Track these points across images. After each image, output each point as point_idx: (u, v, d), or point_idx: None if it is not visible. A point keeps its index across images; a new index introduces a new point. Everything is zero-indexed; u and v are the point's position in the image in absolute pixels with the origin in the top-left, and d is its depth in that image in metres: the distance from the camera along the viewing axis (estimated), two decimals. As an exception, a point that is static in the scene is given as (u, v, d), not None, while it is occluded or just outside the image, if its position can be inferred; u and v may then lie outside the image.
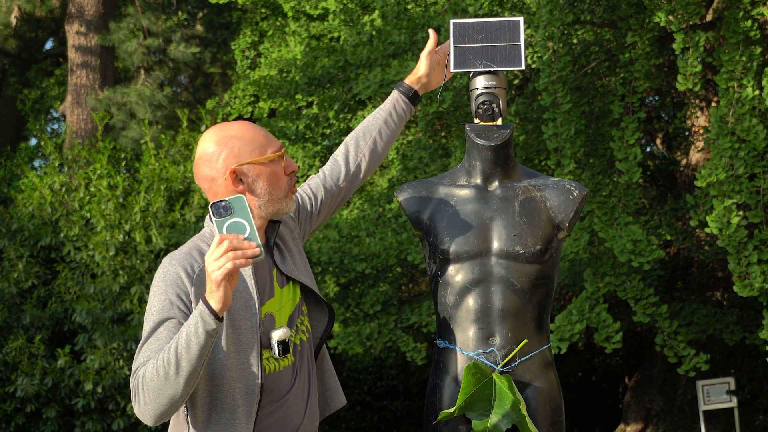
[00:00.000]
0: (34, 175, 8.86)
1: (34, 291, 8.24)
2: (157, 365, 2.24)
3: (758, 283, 5.78)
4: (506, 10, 7.20)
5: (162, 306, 2.34)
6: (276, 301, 2.50)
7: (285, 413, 2.47)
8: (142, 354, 2.32)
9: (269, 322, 2.47)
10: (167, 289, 2.35)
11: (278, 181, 2.47)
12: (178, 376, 2.23)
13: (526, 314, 2.79)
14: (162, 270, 2.39)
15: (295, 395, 2.50)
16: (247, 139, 2.45)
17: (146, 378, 2.26)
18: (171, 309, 2.33)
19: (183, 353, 2.22)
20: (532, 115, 7.90)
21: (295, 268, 2.59)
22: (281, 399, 2.47)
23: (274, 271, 2.52)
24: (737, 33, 6.10)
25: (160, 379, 2.23)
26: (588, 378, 13.05)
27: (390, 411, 11.60)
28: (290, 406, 2.48)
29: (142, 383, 2.26)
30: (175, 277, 2.36)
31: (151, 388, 2.25)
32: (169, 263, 2.39)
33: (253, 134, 2.46)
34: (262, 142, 2.46)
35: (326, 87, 7.55)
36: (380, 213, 8.72)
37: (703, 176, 5.86)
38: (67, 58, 13.73)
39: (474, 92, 2.88)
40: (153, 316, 2.34)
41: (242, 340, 2.38)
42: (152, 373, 2.25)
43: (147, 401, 2.26)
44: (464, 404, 2.72)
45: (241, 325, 2.39)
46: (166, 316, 2.33)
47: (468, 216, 2.83)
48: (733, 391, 8.32)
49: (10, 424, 7.84)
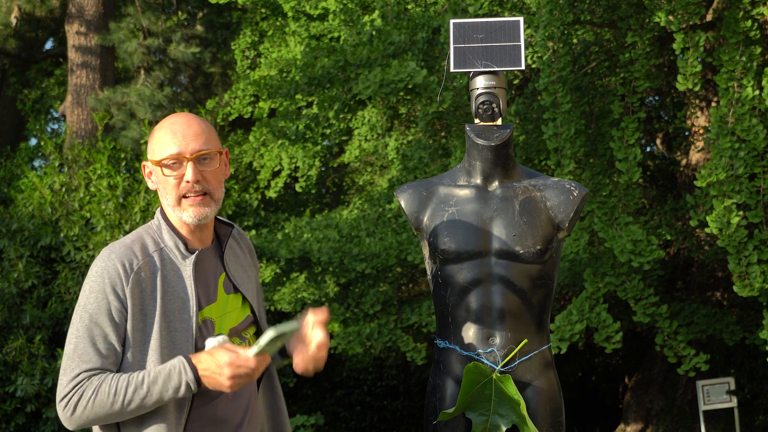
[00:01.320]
0: (34, 175, 8.85)
1: (34, 291, 8.23)
2: (112, 390, 2.29)
3: (758, 283, 5.78)
4: (506, 10, 7.20)
5: (97, 301, 2.33)
6: (218, 306, 2.46)
7: (216, 417, 2.42)
8: (78, 354, 2.32)
9: (208, 327, 2.43)
10: (104, 284, 2.34)
11: (166, 185, 2.40)
12: (127, 410, 2.29)
13: (526, 314, 2.79)
14: (100, 263, 2.37)
15: (230, 401, 2.44)
16: (154, 137, 2.43)
17: (97, 395, 2.29)
18: (106, 304, 2.32)
19: (143, 396, 2.28)
20: (532, 115, 7.90)
21: (247, 280, 2.55)
22: (213, 401, 2.42)
23: (222, 276, 2.49)
24: (737, 33, 6.10)
25: (110, 405, 2.29)
26: (588, 378, 13.05)
27: (390, 411, 11.60)
28: (224, 409, 2.43)
29: (92, 398, 2.29)
30: (112, 271, 2.34)
31: (98, 406, 2.29)
32: (108, 256, 2.37)
33: (164, 132, 2.41)
34: (163, 141, 2.40)
35: (326, 87, 7.55)
36: (380, 213, 8.73)
37: (703, 176, 5.86)
38: (67, 58, 13.73)
39: (474, 92, 2.88)
40: (87, 310, 2.34)
41: (176, 343, 2.36)
42: (106, 394, 2.29)
43: (83, 414, 2.30)
44: (464, 404, 2.72)
45: (176, 328, 2.36)
46: (101, 311, 2.33)
47: (468, 216, 2.83)
48: (733, 391, 8.32)
49: (10, 424, 7.84)
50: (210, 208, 2.41)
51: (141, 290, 2.34)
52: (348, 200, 12.36)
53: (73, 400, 2.29)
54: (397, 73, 6.89)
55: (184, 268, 2.40)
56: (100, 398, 2.28)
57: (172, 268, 2.40)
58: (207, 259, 2.47)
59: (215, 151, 2.42)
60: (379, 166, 11.60)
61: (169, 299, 2.36)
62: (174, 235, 2.43)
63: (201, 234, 2.47)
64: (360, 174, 12.11)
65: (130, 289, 2.33)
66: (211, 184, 2.41)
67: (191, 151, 2.38)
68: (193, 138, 2.39)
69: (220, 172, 2.44)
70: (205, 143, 2.40)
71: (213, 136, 2.44)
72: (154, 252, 2.40)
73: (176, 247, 2.42)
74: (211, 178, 2.41)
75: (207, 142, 2.41)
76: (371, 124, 10.48)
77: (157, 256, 2.40)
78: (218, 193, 2.44)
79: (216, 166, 2.42)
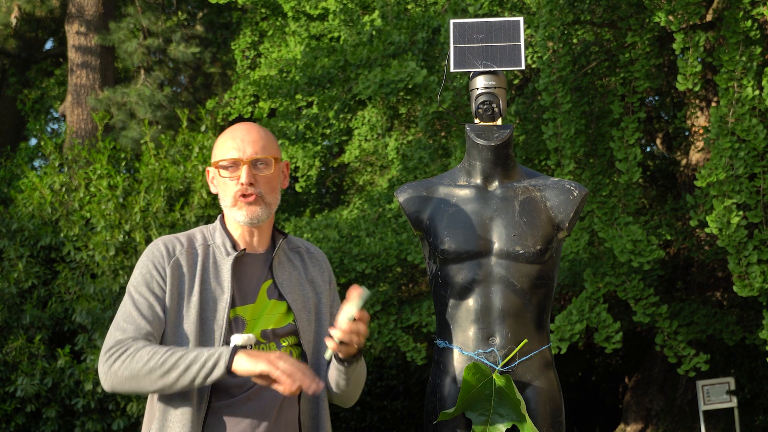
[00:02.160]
0: (34, 175, 8.85)
1: (34, 291, 8.23)
2: (151, 350, 2.40)
3: (758, 283, 5.78)
4: (506, 10, 7.20)
5: (142, 275, 2.51)
6: (255, 308, 2.55)
7: (239, 416, 2.47)
8: (124, 319, 2.47)
9: (238, 325, 2.52)
10: (148, 262, 2.53)
11: (224, 187, 2.56)
12: (160, 380, 2.39)
13: (526, 314, 2.79)
14: (148, 247, 2.58)
15: (254, 402, 2.48)
16: (217, 143, 2.60)
17: (137, 352, 2.40)
18: (149, 277, 2.50)
19: (180, 368, 2.38)
20: (532, 115, 7.91)
21: (299, 293, 2.61)
22: (236, 398, 2.47)
23: (268, 282, 2.59)
24: (737, 33, 6.10)
25: (144, 363, 2.38)
26: (588, 378, 13.05)
27: (390, 411, 11.60)
28: (248, 410, 2.47)
29: (131, 354, 2.40)
30: (156, 252, 2.54)
31: (135, 362, 2.40)
32: (155, 242, 2.58)
33: (225, 138, 2.58)
34: (224, 146, 2.57)
35: (326, 87, 7.55)
36: (380, 213, 8.73)
37: (703, 176, 5.86)
38: (67, 58, 13.73)
39: (474, 92, 2.88)
40: (133, 284, 2.52)
41: (206, 332, 2.48)
42: (146, 352, 2.40)
43: (119, 370, 2.40)
44: (464, 404, 2.72)
45: (208, 317, 2.49)
46: (144, 283, 2.50)
47: (468, 216, 2.83)
48: (733, 391, 8.32)
49: (10, 424, 7.84)
50: (261, 208, 2.55)
51: (180, 274, 2.51)
52: (348, 200, 12.36)
53: (116, 355, 2.42)
54: (397, 73, 6.89)
55: (224, 264, 2.54)
56: (138, 357, 2.39)
57: (213, 263, 2.55)
58: (252, 263, 2.59)
59: (270, 158, 2.56)
60: (379, 166, 11.60)
61: (205, 289, 2.50)
62: (224, 234, 2.59)
63: (252, 239, 2.60)
64: (360, 174, 12.12)
65: (170, 269, 2.50)
66: (263, 188, 2.55)
67: (248, 155, 2.54)
68: (251, 143, 2.55)
69: (275, 179, 2.59)
70: (262, 150, 2.55)
71: (271, 144, 2.59)
72: (200, 246, 2.57)
73: (223, 245, 2.57)
74: (264, 182, 2.56)
75: (264, 149, 2.56)
76: (371, 124, 10.48)
77: (201, 249, 2.56)
78: (270, 197, 2.57)
79: (270, 172, 2.56)
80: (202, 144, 8.89)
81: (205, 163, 8.81)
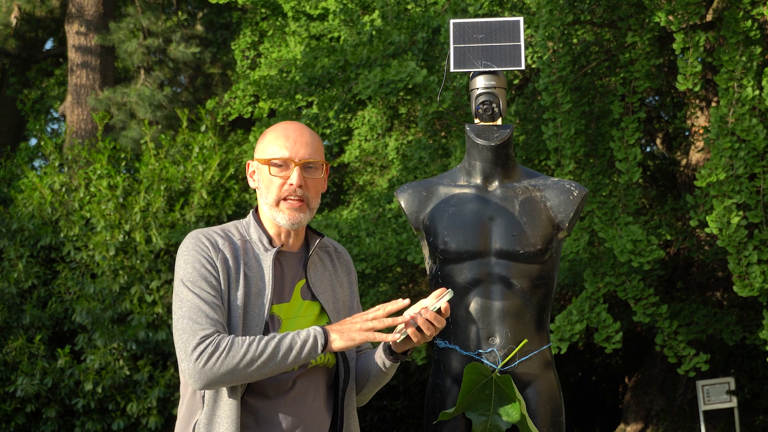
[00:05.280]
0: (34, 175, 8.85)
1: (34, 291, 8.23)
2: (245, 341, 2.38)
3: (758, 283, 5.78)
4: (506, 10, 7.20)
5: (195, 269, 2.46)
6: (290, 308, 2.54)
7: (274, 417, 2.47)
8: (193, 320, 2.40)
9: (275, 323, 2.51)
10: (197, 256, 2.48)
11: (270, 184, 2.54)
12: (259, 370, 2.37)
13: (526, 314, 2.79)
14: (188, 241, 2.52)
15: (290, 405, 2.49)
16: (265, 138, 2.59)
17: (232, 346, 2.37)
18: (203, 271, 2.46)
19: (275, 345, 2.38)
20: (532, 115, 7.91)
21: (330, 293, 2.62)
22: (273, 399, 2.48)
23: (302, 282, 2.59)
24: (737, 33, 6.10)
25: (242, 354, 2.36)
26: (588, 378, 13.05)
27: (390, 411, 11.60)
28: (283, 412, 2.48)
29: (226, 348, 2.37)
30: (201, 246, 2.50)
31: (231, 356, 2.36)
32: (195, 235, 2.53)
33: (277, 135, 2.57)
34: (275, 143, 2.55)
35: (326, 87, 7.54)
36: (380, 213, 8.73)
37: (703, 176, 5.86)
38: (67, 58, 13.73)
39: (474, 92, 2.88)
40: (188, 280, 2.45)
41: (250, 327, 2.47)
42: (239, 345, 2.37)
43: (215, 366, 2.36)
44: (464, 404, 2.72)
45: (252, 312, 2.48)
46: (200, 278, 2.45)
47: (468, 216, 2.83)
48: (733, 391, 8.32)
49: (10, 424, 7.84)
50: (305, 214, 2.56)
51: (227, 267, 2.48)
52: (348, 200, 12.36)
53: (208, 350, 2.37)
54: (397, 73, 6.89)
55: (264, 259, 2.53)
56: (235, 350, 2.37)
57: (253, 256, 2.53)
58: (288, 261, 2.58)
59: (321, 162, 2.57)
60: (379, 166, 11.60)
61: (247, 283, 2.49)
62: (260, 230, 2.57)
63: (288, 238, 2.60)
64: (360, 174, 12.11)
65: (219, 261, 2.48)
66: (310, 192, 2.56)
67: (300, 157, 2.54)
68: (304, 145, 2.55)
69: (321, 183, 2.59)
70: (315, 153, 2.56)
71: (321, 148, 2.60)
72: (238, 240, 2.55)
73: (260, 241, 2.56)
74: (312, 186, 2.56)
75: (316, 152, 2.57)
76: (371, 124, 10.48)
77: (240, 244, 2.54)
78: (315, 202, 2.58)
79: (319, 176, 2.57)
80: (202, 144, 8.89)
81: (205, 163, 8.80)
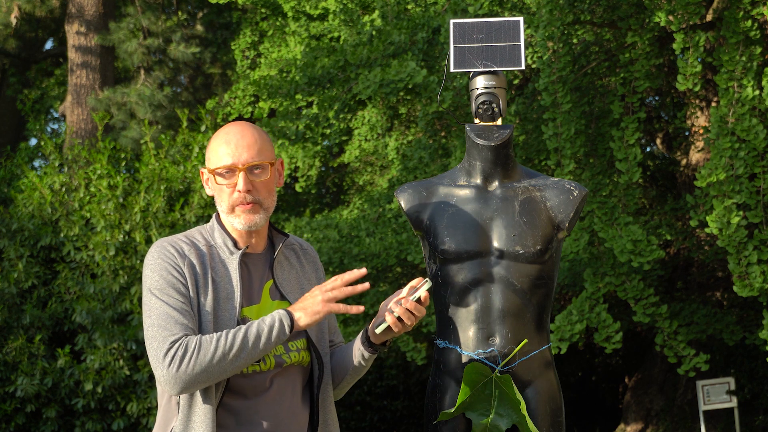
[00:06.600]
0: (34, 175, 8.85)
1: (34, 291, 8.23)
2: (213, 339, 2.37)
3: (758, 283, 5.78)
4: (506, 10, 7.20)
5: (162, 277, 2.45)
6: (260, 309, 2.53)
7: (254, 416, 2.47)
8: (162, 325, 2.39)
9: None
10: (163, 263, 2.47)
11: (220, 192, 2.53)
12: (230, 356, 2.36)
13: (526, 314, 2.79)
14: (153, 250, 2.51)
15: (269, 404, 2.49)
16: (210, 145, 2.56)
17: (201, 346, 2.37)
18: (170, 278, 2.45)
19: (242, 336, 2.38)
20: (532, 115, 7.91)
21: (299, 292, 2.61)
22: (253, 400, 2.47)
23: (270, 282, 2.58)
24: (737, 33, 6.10)
25: (212, 352, 2.36)
26: (588, 378, 13.05)
27: (390, 411, 11.60)
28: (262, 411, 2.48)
29: (195, 349, 2.36)
30: (167, 253, 2.48)
31: (202, 355, 2.36)
32: (159, 244, 2.52)
33: (219, 143, 2.53)
34: (218, 150, 2.52)
35: (326, 87, 7.55)
36: (380, 213, 8.73)
37: (703, 176, 5.86)
38: (67, 58, 13.73)
39: (474, 92, 2.88)
40: (155, 287, 2.45)
41: (221, 330, 2.45)
42: (208, 343, 2.37)
43: (188, 369, 2.35)
44: (464, 404, 2.72)
45: (222, 316, 2.47)
46: (167, 285, 2.45)
47: (468, 216, 2.83)
48: (733, 391, 8.32)
49: (10, 424, 7.84)
50: (260, 215, 2.53)
51: (194, 273, 2.47)
52: (348, 200, 12.37)
53: (179, 354, 2.36)
54: (397, 73, 6.89)
55: (230, 263, 2.52)
56: (204, 348, 2.36)
57: (219, 261, 2.53)
58: (254, 263, 2.58)
59: (267, 162, 2.53)
60: (379, 166, 11.60)
61: (216, 287, 2.49)
62: (224, 233, 2.56)
63: (251, 240, 2.58)
64: (360, 174, 12.12)
65: (186, 268, 2.47)
66: (261, 193, 2.53)
67: (243, 161, 2.50)
68: (246, 148, 2.51)
69: (271, 182, 2.55)
70: (258, 154, 2.51)
71: (266, 146, 2.55)
72: (204, 246, 2.54)
73: (224, 245, 2.55)
74: (261, 188, 2.53)
75: (260, 153, 2.52)
76: (371, 124, 10.48)
77: (206, 249, 2.54)
78: (268, 201, 2.55)
79: (267, 176, 2.53)
80: (202, 144, 8.89)
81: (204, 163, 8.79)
